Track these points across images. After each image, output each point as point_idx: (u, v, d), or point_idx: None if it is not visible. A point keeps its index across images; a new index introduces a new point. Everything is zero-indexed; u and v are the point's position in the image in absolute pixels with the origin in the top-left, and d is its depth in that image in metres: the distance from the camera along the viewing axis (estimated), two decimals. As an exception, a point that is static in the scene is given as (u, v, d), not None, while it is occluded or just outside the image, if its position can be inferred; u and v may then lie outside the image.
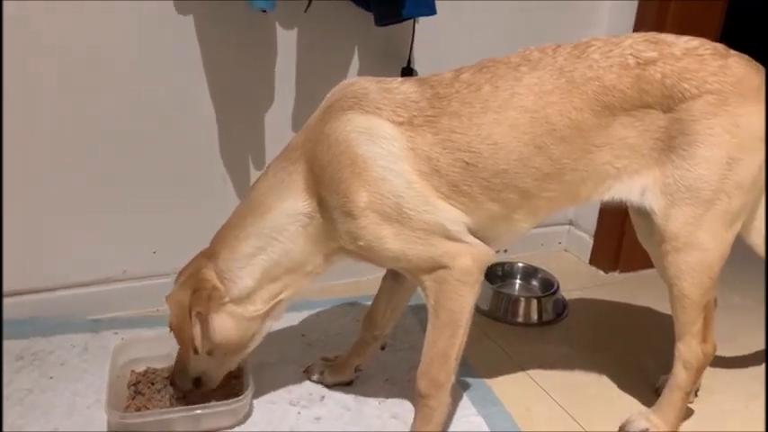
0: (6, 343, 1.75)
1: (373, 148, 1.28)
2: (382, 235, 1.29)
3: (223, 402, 1.49)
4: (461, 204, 1.32)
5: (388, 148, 1.28)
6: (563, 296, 2.13)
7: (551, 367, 1.79)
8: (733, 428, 1.59)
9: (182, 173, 1.94)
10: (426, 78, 1.38)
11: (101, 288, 1.95)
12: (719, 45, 1.37)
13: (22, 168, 1.77)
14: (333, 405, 1.60)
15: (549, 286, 2.14)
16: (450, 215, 1.31)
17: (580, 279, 2.31)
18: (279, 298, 1.42)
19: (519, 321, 2.04)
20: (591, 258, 2.42)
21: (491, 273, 2.20)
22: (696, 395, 1.67)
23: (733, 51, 1.37)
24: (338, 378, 1.66)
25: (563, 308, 2.10)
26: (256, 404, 1.57)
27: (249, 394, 1.50)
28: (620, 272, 2.34)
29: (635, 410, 1.56)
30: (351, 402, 1.61)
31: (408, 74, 1.96)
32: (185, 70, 1.84)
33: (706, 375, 1.70)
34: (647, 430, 1.51)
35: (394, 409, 1.58)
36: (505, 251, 2.39)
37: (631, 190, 1.39)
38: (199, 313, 1.35)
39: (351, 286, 2.13)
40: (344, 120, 1.31)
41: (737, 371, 1.81)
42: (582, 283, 2.28)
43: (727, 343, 1.89)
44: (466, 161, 1.30)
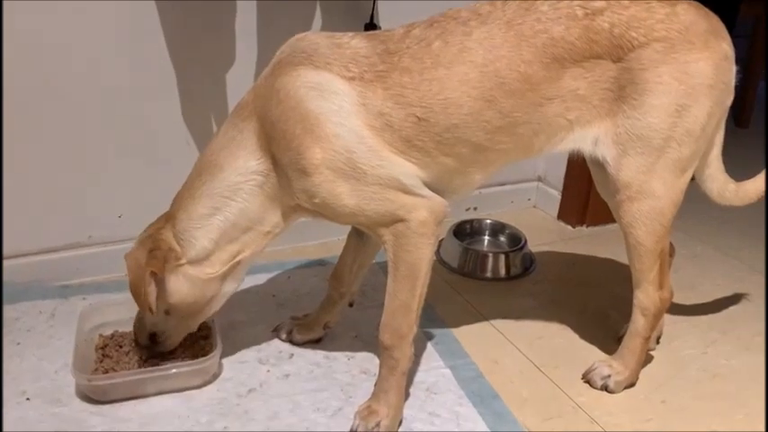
0: (-28, 311, 1.74)
1: (324, 104, 1.27)
2: (338, 192, 1.29)
3: (191, 362, 1.50)
4: (415, 159, 1.32)
5: (339, 104, 1.27)
6: (530, 251, 2.16)
7: (518, 319, 1.83)
8: (691, 372, 1.64)
9: (145, 136, 1.91)
10: (377, 34, 1.37)
11: (67, 254, 1.93)
12: None
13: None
14: (302, 362, 1.62)
15: (517, 242, 2.16)
16: (404, 169, 1.31)
17: (548, 234, 2.34)
18: (237, 259, 1.42)
19: (488, 276, 2.06)
20: (559, 214, 2.44)
21: (460, 230, 2.22)
22: (658, 342, 1.72)
23: None
24: (307, 336, 1.68)
25: (530, 263, 2.13)
26: (226, 363, 1.59)
27: (218, 353, 1.51)
28: (587, 226, 2.37)
29: (598, 359, 1.61)
30: (320, 359, 1.63)
31: (372, 29, 1.93)
32: (143, 33, 1.80)
33: (667, 323, 1.75)
34: (610, 376, 1.55)
35: (363, 365, 1.61)
36: (475, 209, 2.42)
37: (584, 141, 1.40)
38: (153, 273, 1.35)
39: (321, 247, 2.14)
40: (294, 75, 1.29)
41: (697, 318, 1.86)
42: (550, 238, 2.31)
43: (688, 291, 1.95)
44: (418, 116, 1.29)
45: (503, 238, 2.27)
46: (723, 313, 1.88)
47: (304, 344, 1.67)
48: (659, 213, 1.41)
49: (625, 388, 1.56)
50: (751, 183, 1.59)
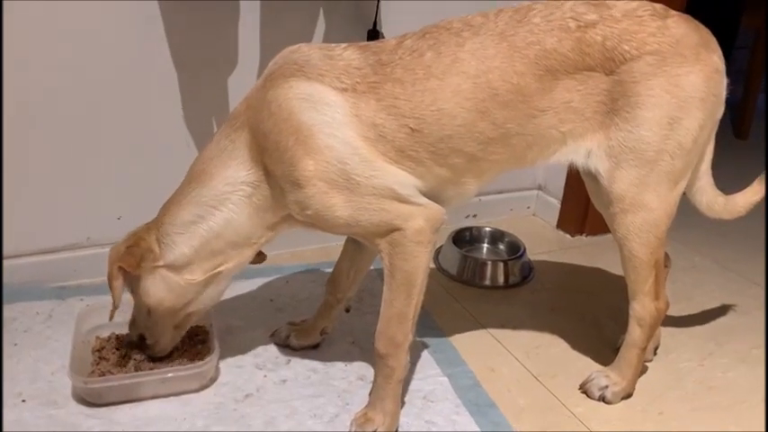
0: (-31, 311, 1.74)
1: (316, 116, 1.27)
2: (331, 203, 1.29)
3: (188, 366, 1.50)
4: (410, 169, 1.33)
5: (332, 115, 1.27)
6: (529, 259, 2.16)
7: (515, 328, 1.83)
8: (688, 384, 1.64)
9: (146, 138, 1.91)
10: (369, 45, 1.37)
11: (66, 255, 1.93)
12: (659, 6, 1.38)
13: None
14: (299, 368, 1.62)
15: (516, 250, 2.16)
16: (399, 178, 1.31)
17: (547, 243, 2.35)
18: (219, 269, 1.42)
19: (486, 284, 2.06)
20: (558, 222, 2.45)
21: (459, 237, 2.22)
22: (655, 353, 1.72)
23: (673, 12, 1.38)
24: (304, 341, 1.67)
25: (529, 271, 2.13)
26: (223, 368, 1.59)
27: (215, 358, 1.51)
28: (586, 235, 2.38)
29: (595, 369, 1.61)
30: (317, 365, 1.63)
31: (374, 37, 1.93)
32: (147, 35, 1.80)
33: (664, 335, 1.75)
34: (607, 387, 1.55)
35: (360, 371, 1.61)
36: (475, 216, 2.42)
37: (577, 153, 1.41)
38: (121, 268, 1.36)
39: (320, 252, 2.14)
40: (286, 87, 1.29)
41: (694, 329, 1.86)
42: (549, 247, 2.31)
43: (685, 302, 1.95)
44: (411, 127, 1.29)
45: (502, 246, 2.27)
46: (720, 325, 1.88)
47: (301, 349, 1.67)
48: (653, 225, 1.41)
49: (622, 399, 1.56)
50: (740, 196, 1.59)
